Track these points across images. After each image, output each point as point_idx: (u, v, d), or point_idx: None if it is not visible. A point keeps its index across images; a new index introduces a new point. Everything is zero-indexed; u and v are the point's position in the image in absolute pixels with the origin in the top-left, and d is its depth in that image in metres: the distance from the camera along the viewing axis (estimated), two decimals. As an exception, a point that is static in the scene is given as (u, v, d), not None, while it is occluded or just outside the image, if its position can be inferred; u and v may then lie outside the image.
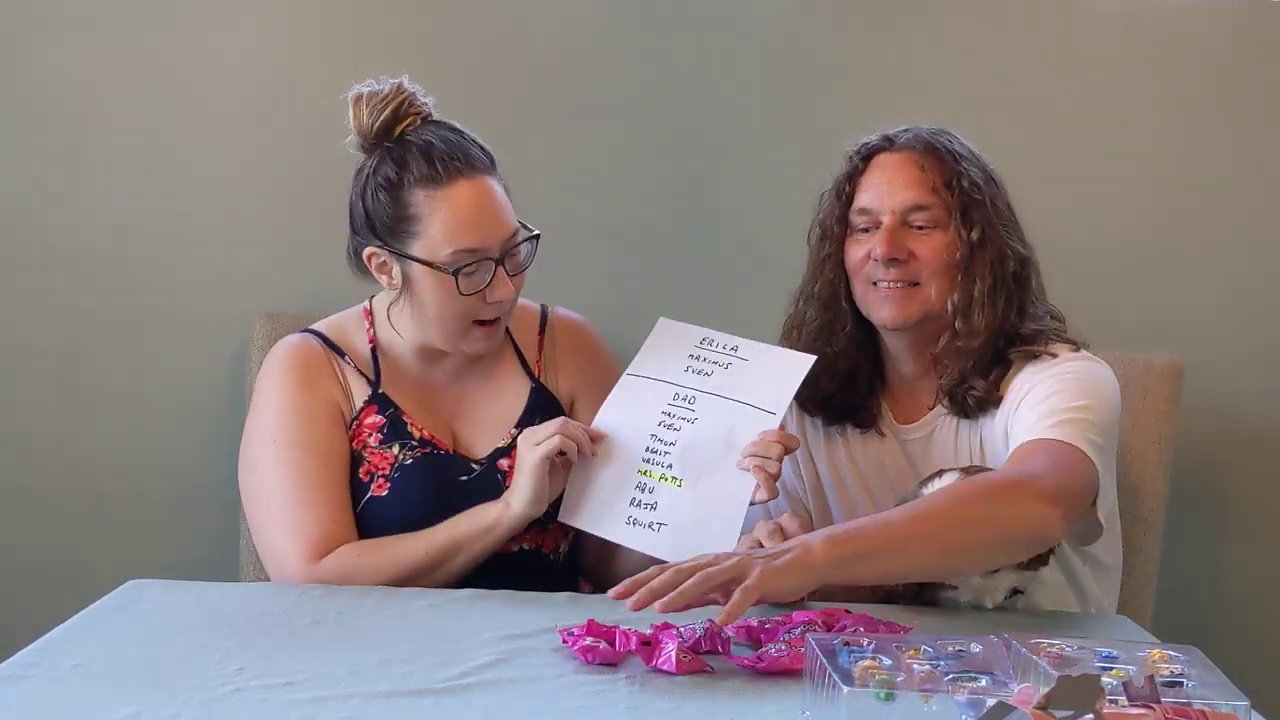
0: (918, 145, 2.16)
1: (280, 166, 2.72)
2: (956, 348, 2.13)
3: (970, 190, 2.14)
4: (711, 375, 2.14)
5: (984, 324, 2.12)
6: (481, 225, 2.12)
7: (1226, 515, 2.74)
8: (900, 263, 2.12)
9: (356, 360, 2.24)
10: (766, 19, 2.74)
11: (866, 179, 2.17)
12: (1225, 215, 2.76)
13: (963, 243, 2.12)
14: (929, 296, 2.13)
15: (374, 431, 2.20)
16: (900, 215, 2.14)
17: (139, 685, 1.60)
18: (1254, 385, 2.77)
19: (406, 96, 2.16)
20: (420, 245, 2.12)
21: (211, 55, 2.75)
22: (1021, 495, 1.87)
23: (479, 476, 2.20)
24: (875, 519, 1.87)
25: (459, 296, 2.12)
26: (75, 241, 2.76)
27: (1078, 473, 1.95)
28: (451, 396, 2.26)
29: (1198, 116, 2.75)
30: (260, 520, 2.18)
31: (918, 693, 1.44)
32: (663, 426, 2.11)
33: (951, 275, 2.13)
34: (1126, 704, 1.35)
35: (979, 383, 2.12)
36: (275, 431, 2.18)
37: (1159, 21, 2.72)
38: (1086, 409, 2.01)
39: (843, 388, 2.22)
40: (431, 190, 2.11)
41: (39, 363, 2.79)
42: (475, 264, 2.11)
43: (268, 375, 2.24)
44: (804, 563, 1.73)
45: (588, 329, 2.39)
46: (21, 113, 2.76)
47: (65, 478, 2.79)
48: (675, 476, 2.08)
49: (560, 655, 1.73)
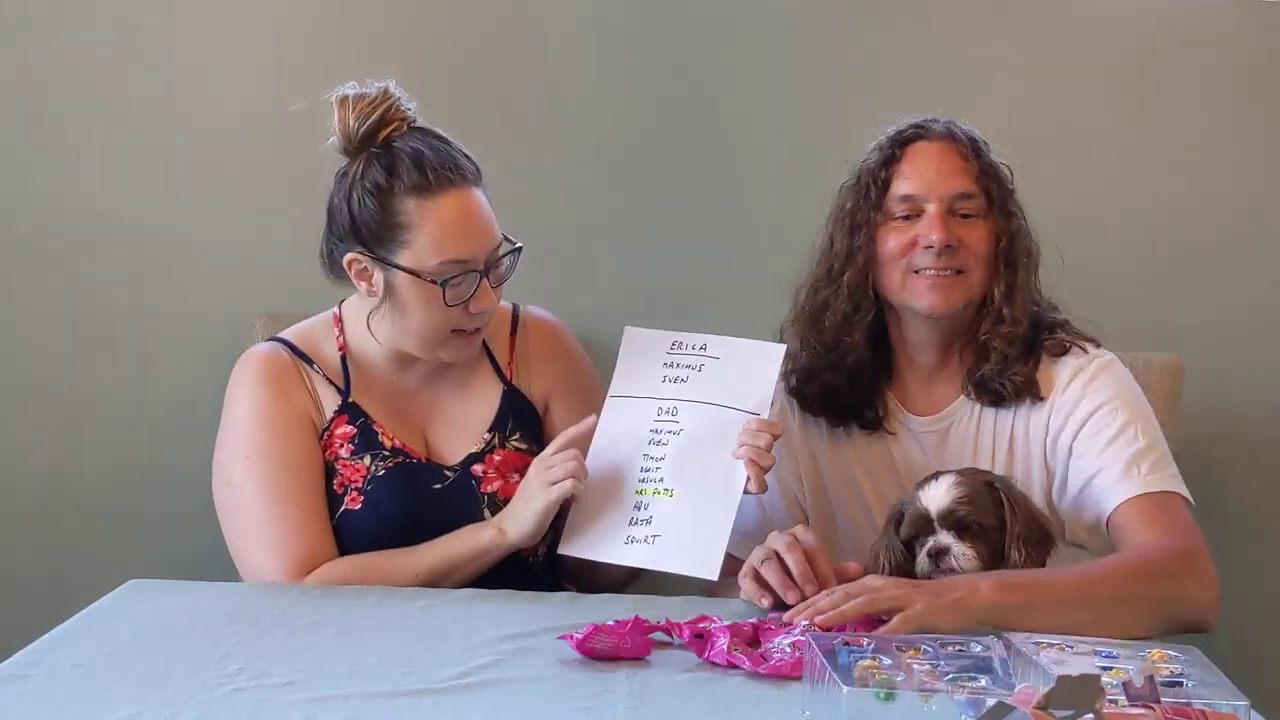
0: (957, 134, 2.18)
1: (280, 167, 2.72)
2: (1003, 334, 2.14)
3: (1005, 181, 2.18)
4: (688, 381, 2.12)
5: (1024, 311, 2.15)
6: (470, 237, 2.12)
7: (1226, 515, 2.74)
8: (952, 249, 2.12)
9: (326, 369, 2.23)
10: (766, 21, 2.74)
11: (906, 166, 2.16)
12: (1225, 215, 2.75)
13: (1003, 232, 2.15)
14: (973, 284, 2.15)
15: (345, 442, 2.19)
16: (948, 203, 2.14)
17: (139, 685, 1.60)
18: (1254, 385, 2.76)
19: (393, 102, 2.15)
20: (407, 254, 2.11)
21: (211, 56, 2.75)
22: (1187, 579, 1.94)
23: (453, 484, 2.20)
24: (1039, 575, 1.91)
25: (443, 307, 2.11)
26: (75, 242, 2.76)
27: (1195, 526, 2.03)
28: (423, 402, 2.26)
29: (1198, 116, 2.74)
30: (238, 536, 2.17)
31: (918, 693, 1.44)
32: (652, 444, 2.10)
33: (993, 264, 2.15)
34: (1126, 704, 1.35)
35: (1020, 369, 2.14)
36: (247, 446, 2.17)
37: (1160, 22, 2.72)
38: (1156, 439, 2.09)
39: (850, 382, 2.21)
40: (422, 200, 2.10)
41: (38, 363, 2.78)
42: (461, 275, 2.11)
43: (238, 385, 2.22)
44: (968, 605, 1.78)
45: (560, 329, 2.37)
46: (21, 112, 2.76)
47: (65, 478, 2.78)
48: (667, 488, 2.07)
49: (560, 655, 1.73)
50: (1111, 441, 2.07)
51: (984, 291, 2.16)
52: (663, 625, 1.80)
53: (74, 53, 2.74)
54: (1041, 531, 1.96)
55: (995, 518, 1.94)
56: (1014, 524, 1.94)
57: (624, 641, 1.73)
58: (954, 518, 1.93)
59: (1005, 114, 2.70)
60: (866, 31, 2.75)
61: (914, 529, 1.95)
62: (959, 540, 1.92)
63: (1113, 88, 2.74)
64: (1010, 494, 1.96)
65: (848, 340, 2.19)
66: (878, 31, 2.75)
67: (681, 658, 1.74)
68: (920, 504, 1.95)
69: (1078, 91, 2.74)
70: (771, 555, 1.94)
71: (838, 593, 1.81)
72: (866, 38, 2.75)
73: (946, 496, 1.94)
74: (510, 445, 2.24)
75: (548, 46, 2.75)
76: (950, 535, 1.93)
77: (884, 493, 2.19)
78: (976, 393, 2.17)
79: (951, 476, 1.96)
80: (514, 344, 2.32)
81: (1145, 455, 2.06)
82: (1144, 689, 1.36)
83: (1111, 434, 2.08)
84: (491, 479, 2.21)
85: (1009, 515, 1.94)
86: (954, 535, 1.92)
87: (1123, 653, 1.59)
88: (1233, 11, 2.71)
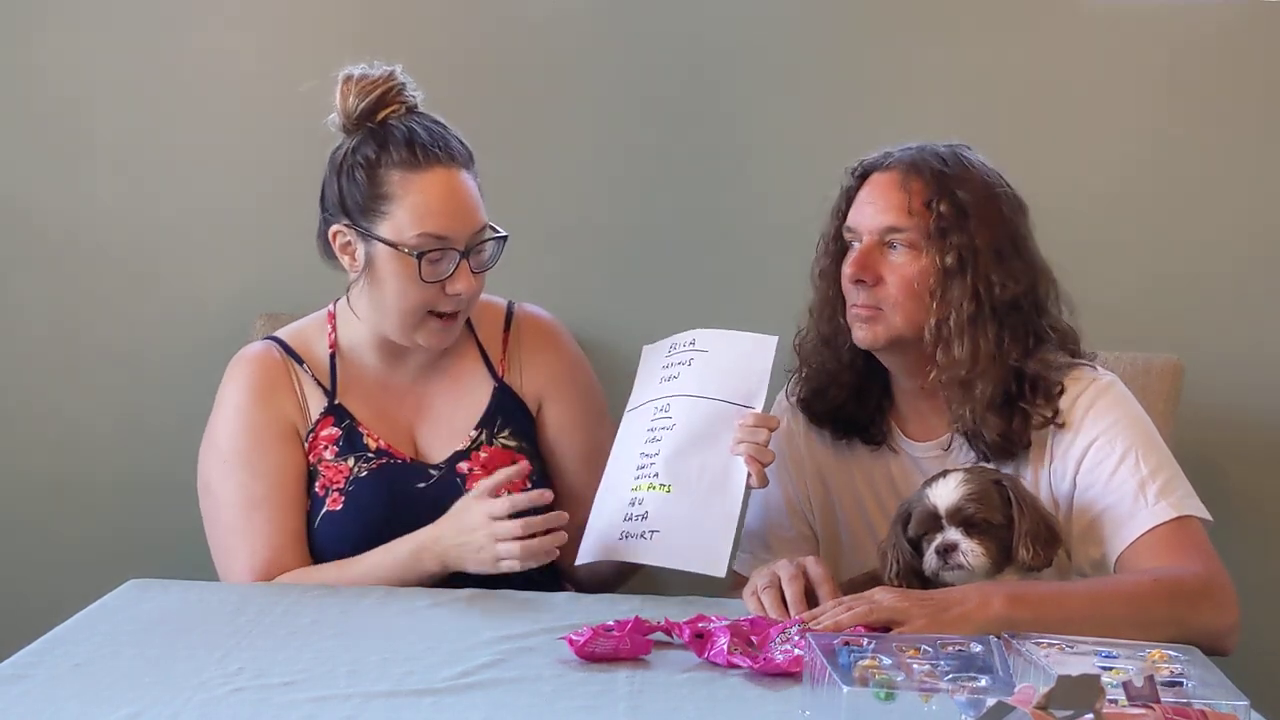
0: (905, 164, 2.10)
1: (281, 166, 2.72)
2: (947, 379, 2.07)
3: (951, 214, 2.06)
4: (679, 377, 2.12)
5: (968, 355, 2.04)
6: (450, 214, 2.13)
7: (1226, 515, 2.72)
8: (866, 286, 2.08)
9: (315, 369, 2.24)
10: (765, 22, 2.74)
11: (861, 195, 2.13)
12: (1225, 215, 2.75)
13: (935, 268, 2.06)
14: (893, 321, 2.08)
15: (330, 444, 2.20)
16: (878, 235, 2.09)
17: (139, 685, 1.60)
18: (1254, 385, 2.76)
19: (396, 85, 2.18)
20: (388, 226, 2.13)
21: (212, 54, 2.75)
22: (1205, 603, 1.90)
23: (437, 482, 2.20)
24: (1052, 591, 1.88)
25: (419, 283, 2.12)
26: (75, 242, 2.76)
27: (1211, 549, 1.99)
28: (412, 400, 2.26)
29: (1198, 116, 2.74)
30: (214, 541, 2.22)
31: (918, 693, 1.44)
32: (648, 442, 2.10)
33: (922, 301, 2.07)
34: (1126, 704, 1.35)
35: (994, 424, 2.06)
36: (226, 451, 2.20)
37: (1159, 22, 2.71)
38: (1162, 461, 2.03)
39: (852, 399, 2.19)
40: (407, 173, 2.12)
41: (39, 364, 2.78)
42: (440, 252, 2.12)
43: (226, 387, 2.25)
44: (977, 618, 1.75)
45: (555, 327, 2.37)
46: (21, 112, 2.76)
47: (65, 478, 2.78)
48: (663, 484, 2.05)
49: (560, 655, 1.73)
50: (1114, 472, 2.01)
51: (914, 328, 2.08)
52: (662, 625, 1.80)
53: (74, 52, 2.74)
54: (1049, 530, 1.95)
55: (1003, 515, 1.93)
56: (1022, 522, 1.93)
57: (624, 643, 1.73)
58: (962, 515, 1.92)
59: (1006, 115, 2.71)
60: (867, 33, 2.75)
61: (922, 526, 1.95)
62: (967, 537, 1.92)
63: (1114, 89, 2.74)
64: (1018, 492, 1.96)
65: (836, 364, 2.18)
66: (878, 33, 2.75)
67: (681, 658, 1.74)
68: (928, 501, 1.95)
69: (1079, 93, 2.73)
70: (774, 583, 1.92)
71: (839, 607, 1.79)
72: (867, 39, 2.75)
73: (955, 494, 1.94)
74: (498, 442, 2.24)
75: (548, 47, 2.75)
76: (958, 532, 1.92)
77: (887, 509, 2.15)
78: (965, 439, 2.12)
79: (960, 474, 1.96)
80: (507, 341, 2.32)
81: (1150, 481, 2.00)
82: (1144, 689, 1.36)
83: (1113, 464, 2.01)
84: (478, 475, 2.20)
85: (1017, 513, 1.93)
86: (962, 532, 1.92)
87: (1123, 653, 1.59)
88: (1233, 11, 2.71)
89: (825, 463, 2.24)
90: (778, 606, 1.89)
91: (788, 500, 2.24)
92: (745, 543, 2.21)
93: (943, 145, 2.14)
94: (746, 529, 2.22)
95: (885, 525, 2.09)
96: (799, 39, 2.75)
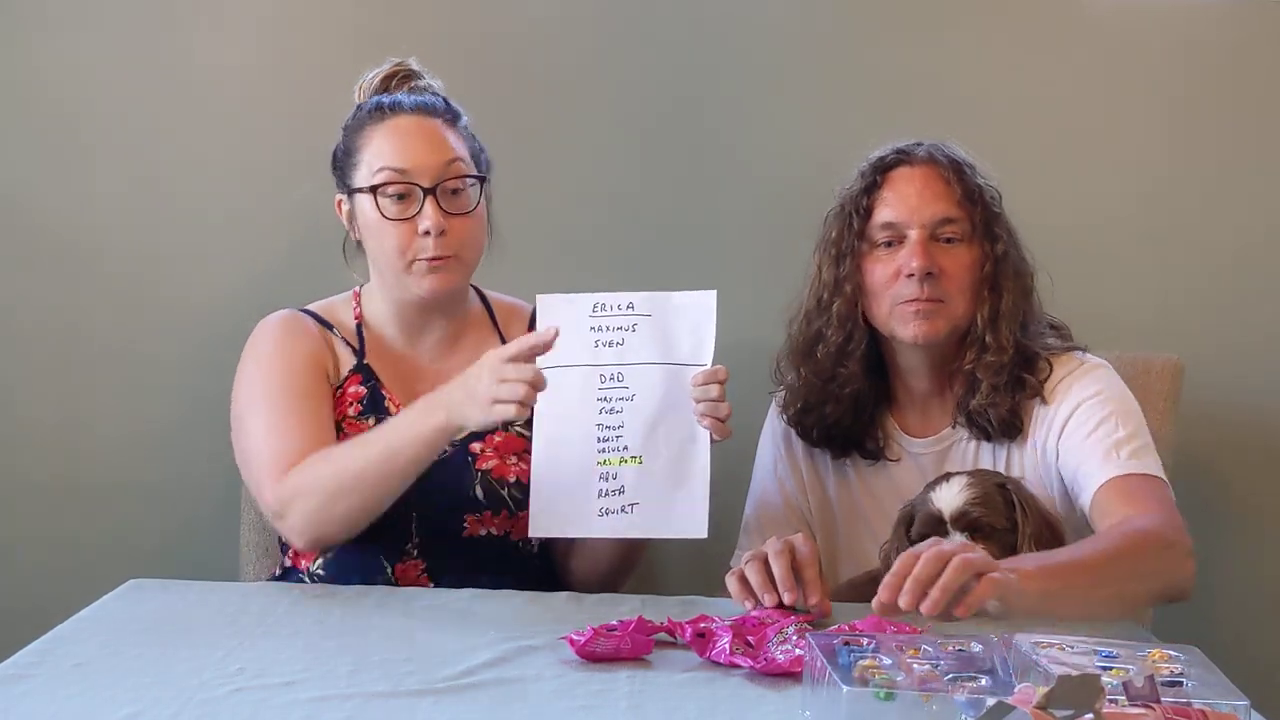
0: (940, 158, 2.14)
1: (282, 166, 2.72)
2: (987, 363, 2.11)
3: (991, 204, 2.14)
4: (624, 344, 2.06)
5: (1010, 339, 2.11)
6: (409, 150, 2.16)
7: (1226, 515, 2.74)
8: (933, 277, 2.10)
9: (344, 333, 2.27)
10: (765, 23, 2.74)
11: (887, 193, 2.14)
12: (1225, 215, 2.75)
13: (988, 257, 2.12)
14: (956, 312, 2.12)
15: (355, 402, 2.22)
16: (930, 229, 2.11)
17: (139, 685, 1.60)
18: (1254, 385, 2.76)
19: (407, 69, 2.26)
20: (359, 175, 2.19)
21: (213, 53, 2.75)
22: (1176, 551, 1.91)
23: (448, 457, 2.17)
24: (1062, 557, 1.86)
25: (385, 222, 2.14)
26: (76, 241, 2.76)
27: (1174, 505, 2.01)
28: (430, 379, 2.24)
29: (1198, 116, 2.74)
30: (244, 456, 2.18)
31: (918, 693, 1.44)
32: (604, 413, 2.05)
33: (978, 290, 2.12)
34: (1126, 704, 1.35)
35: (1002, 402, 2.10)
36: (263, 381, 2.19)
37: (1158, 22, 2.72)
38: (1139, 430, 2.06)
39: (849, 413, 2.19)
40: (375, 125, 2.19)
41: (39, 363, 2.78)
42: (400, 187, 2.14)
43: (257, 336, 2.26)
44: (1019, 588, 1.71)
45: None
46: (21, 111, 2.76)
47: (65, 478, 2.78)
48: (634, 455, 2.03)
49: (560, 655, 1.73)
50: (1092, 433, 2.05)
51: (969, 318, 2.13)
52: (665, 625, 1.80)
53: (74, 51, 2.74)
54: (1053, 533, 1.96)
55: (1007, 519, 1.94)
56: (1026, 525, 1.93)
57: (624, 643, 1.73)
58: (967, 519, 1.93)
59: (1004, 114, 2.71)
60: (867, 35, 2.75)
61: (926, 530, 1.95)
62: (971, 541, 1.91)
63: (1112, 88, 2.74)
64: (1022, 495, 1.96)
65: (844, 371, 2.17)
66: (880, 36, 2.75)
67: (682, 658, 1.74)
68: (933, 505, 1.95)
69: (1079, 93, 2.74)
70: (759, 556, 1.91)
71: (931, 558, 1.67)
72: (867, 41, 2.75)
73: (959, 497, 1.94)
74: (513, 429, 2.22)
75: (549, 47, 2.75)
76: (963, 536, 1.92)
77: (888, 517, 2.14)
78: (966, 425, 2.15)
79: (964, 478, 1.96)
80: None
81: (1126, 443, 2.03)
82: (1144, 689, 1.36)
83: (1092, 426, 2.06)
84: (489, 457, 2.21)
85: (1021, 516, 1.94)
86: (966, 536, 1.92)
87: (1123, 653, 1.58)
88: (1233, 11, 2.71)
89: (826, 477, 2.26)
90: (762, 579, 1.86)
91: (786, 500, 2.24)
92: (743, 540, 2.22)
93: (932, 141, 2.18)
94: (744, 528, 2.24)
95: (885, 529, 2.10)
96: (799, 39, 2.75)
